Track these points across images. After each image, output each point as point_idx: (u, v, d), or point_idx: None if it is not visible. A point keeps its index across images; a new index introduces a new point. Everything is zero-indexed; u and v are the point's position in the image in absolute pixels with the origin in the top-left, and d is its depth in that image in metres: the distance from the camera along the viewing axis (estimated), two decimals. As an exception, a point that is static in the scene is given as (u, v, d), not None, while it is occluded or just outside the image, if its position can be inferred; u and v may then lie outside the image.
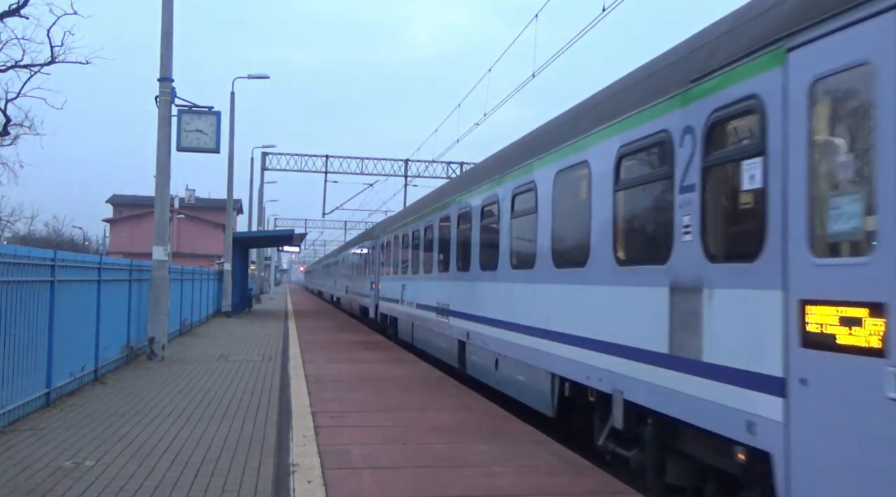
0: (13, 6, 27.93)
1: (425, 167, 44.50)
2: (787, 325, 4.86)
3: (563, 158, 9.04)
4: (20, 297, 9.03)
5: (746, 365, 5.28)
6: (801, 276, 4.77)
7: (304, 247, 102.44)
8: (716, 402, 5.62)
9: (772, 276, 5.03)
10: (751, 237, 5.36)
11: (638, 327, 6.97)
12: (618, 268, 7.49)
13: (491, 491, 6.50)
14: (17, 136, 32.68)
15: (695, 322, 5.96)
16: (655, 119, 6.87)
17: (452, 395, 11.72)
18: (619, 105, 7.75)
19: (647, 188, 7.09)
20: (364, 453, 7.77)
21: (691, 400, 5.97)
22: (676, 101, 6.49)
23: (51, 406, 9.97)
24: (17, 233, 63.62)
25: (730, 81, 5.67)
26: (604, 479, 6.96)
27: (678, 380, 6.14)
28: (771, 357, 4.99)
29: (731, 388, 5.45)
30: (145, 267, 16.33)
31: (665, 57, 7.27)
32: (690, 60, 6.44)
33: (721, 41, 6.03)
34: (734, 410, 5.39)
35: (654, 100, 6.95)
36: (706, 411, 5.74)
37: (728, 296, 5.62)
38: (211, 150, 17.92)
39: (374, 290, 26.49)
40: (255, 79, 34.71)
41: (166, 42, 16.44)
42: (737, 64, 5.59)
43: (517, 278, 10.57)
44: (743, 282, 5.42)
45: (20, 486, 6.38)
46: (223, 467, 7.16)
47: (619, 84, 8.30)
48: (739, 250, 5.61)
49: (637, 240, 7.46)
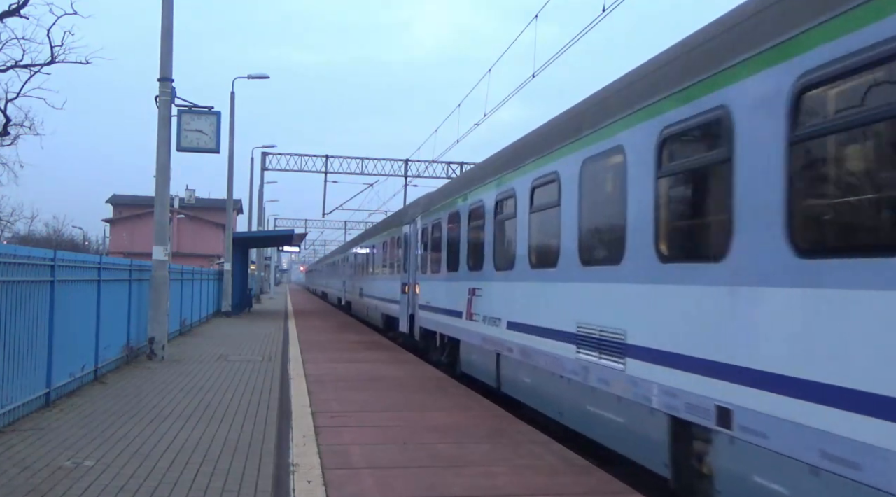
0: (13, 6, 27.95)
1: (425, 167, 44.51)
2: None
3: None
4: (20, 297, 9.02)
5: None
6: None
7: (303, 247, 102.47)
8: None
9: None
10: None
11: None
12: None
13: (491, 491, 6.50)
14: (17, 136, 32.71)
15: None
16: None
17: (452, 395, 11.72)
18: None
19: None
20: (364, 453, 7.77)
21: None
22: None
23: (51, 406, 9.97)
24: (17, 233, 63.67)
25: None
26: (604, 480, 6.96)
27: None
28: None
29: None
30: (145, 267, 16.33)
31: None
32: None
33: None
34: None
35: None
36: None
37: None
38: (211, 150, 17.91)
39: (409, 295, 19.50)
40: (254, 79, 34.70)
41: (166, 42, 16.44)
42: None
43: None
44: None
45: (20, 486, 6.37)
46: (223, 467, 7.16)
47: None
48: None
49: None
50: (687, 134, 6.52)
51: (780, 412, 5.09)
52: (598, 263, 8.09)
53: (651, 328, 6.84)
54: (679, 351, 6.35)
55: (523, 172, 10.59)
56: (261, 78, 34.84)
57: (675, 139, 6.67)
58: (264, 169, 46.00)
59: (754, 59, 5.59)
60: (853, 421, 4.48)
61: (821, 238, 5.06)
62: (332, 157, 45.22)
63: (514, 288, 10.83)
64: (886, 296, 4.32)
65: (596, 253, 8.23)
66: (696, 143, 6.49)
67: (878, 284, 4.37)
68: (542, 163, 9.92)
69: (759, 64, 5.53)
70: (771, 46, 5.41)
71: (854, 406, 4.47)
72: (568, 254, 8.86)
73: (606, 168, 8.01)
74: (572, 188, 8.80)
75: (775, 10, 5.51)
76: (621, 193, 7.50)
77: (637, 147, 7.22)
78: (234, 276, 33.55)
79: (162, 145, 16.46)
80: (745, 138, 5.65)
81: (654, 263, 6.78)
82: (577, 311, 8.56)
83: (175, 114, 16.97)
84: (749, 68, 5.65)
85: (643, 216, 7.04)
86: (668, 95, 6.76)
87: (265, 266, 63.15)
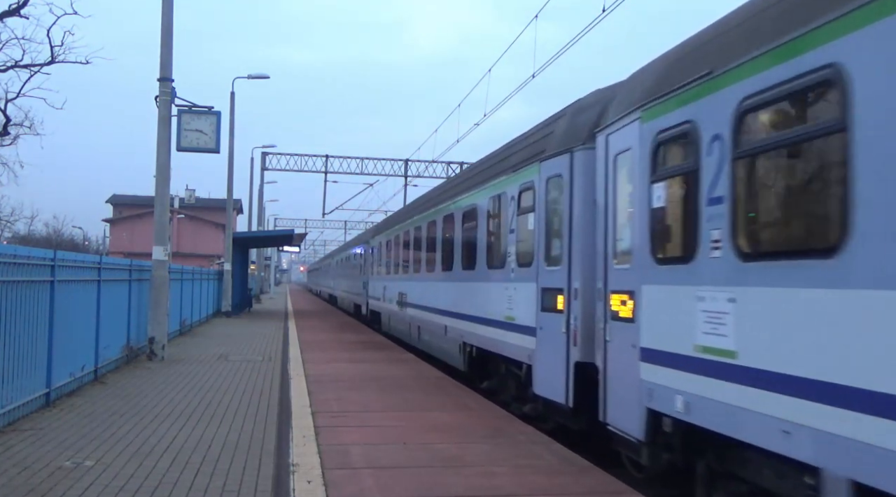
0: (13, 6, 27.92)
1: (425, 167, 44.53)
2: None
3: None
4: (20, 297, 9.02)
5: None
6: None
7: (303, 247, 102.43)
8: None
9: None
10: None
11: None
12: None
13: (491, 491, 6.50)
14: (17, 136, 32.67)
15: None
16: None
17: (452, 395, 11.72)
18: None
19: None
20: (364, 453, 7.77)
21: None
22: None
23: (51, 406, 9.97)
24: (17, 233, 63.61)
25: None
26: (604, 480, 6.96)
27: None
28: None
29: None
30: (145, 267, 16.33)
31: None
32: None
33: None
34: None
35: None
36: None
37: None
38: (211, 150, 17.92)
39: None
40: (255, 79, 34.70)
41: (166, 42, 16.44)
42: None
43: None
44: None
45: (20, 486, 6.37)
46: (223, 467, 7.15)
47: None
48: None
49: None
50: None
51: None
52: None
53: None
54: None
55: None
56: (261, 78, 34.84)
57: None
58: (264, 169, 46.04)
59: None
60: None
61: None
62: (332, 157, 45.29)
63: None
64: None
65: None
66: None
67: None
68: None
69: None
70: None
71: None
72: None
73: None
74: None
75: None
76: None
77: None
78: (234, 276, 33.55)
79: (162, 145, 16.46)
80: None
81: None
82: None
83: (175, 114, 16.98)
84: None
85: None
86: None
87: (265, 266, 63.19)
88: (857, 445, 4.38)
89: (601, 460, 8.00)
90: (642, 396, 6.88)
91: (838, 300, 4.62)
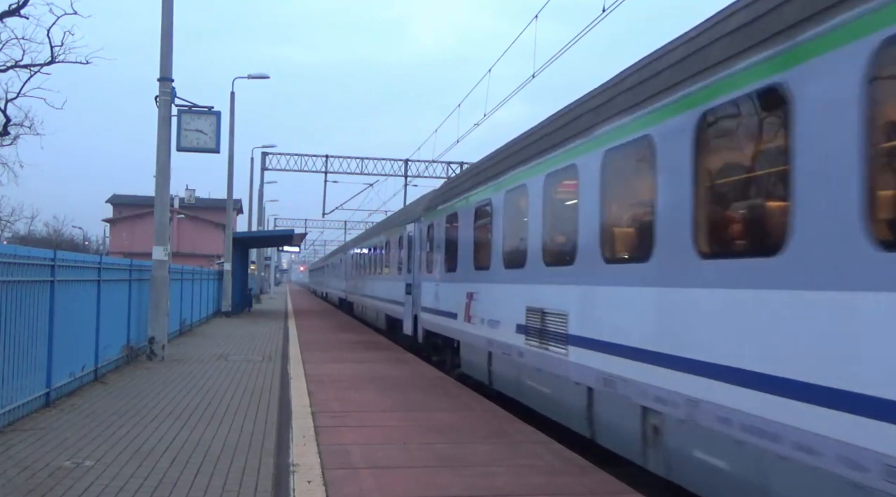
0: (13, 6, 27.92)
1: (425, 167, 44.53)
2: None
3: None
4: (20, 297, 9.02)
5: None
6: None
7: (304, 247, 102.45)
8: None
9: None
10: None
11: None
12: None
13: (491, 491, 6.50)
14: (17, 136, 32.69)
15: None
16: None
17: (452, 395, 11.72)
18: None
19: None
20: (364, 453, 7.77)
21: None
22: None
23: (51, 406, 9.97)
24: (17, 233, 63.61)
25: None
26: (605, 480, 6.96)
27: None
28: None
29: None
30: (145, 267, 16.33)
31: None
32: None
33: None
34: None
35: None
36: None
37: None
38: (211, 150, 17.91)
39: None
40: (255, 79, 34.69)
41: (166, 42, 16.44)
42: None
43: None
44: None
45: (20, 486, 6.37)
46: (223, 467, 7.16)
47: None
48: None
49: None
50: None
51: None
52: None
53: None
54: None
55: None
56: (261, 78, 34.84)
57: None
58: (264, 169, 46.03)
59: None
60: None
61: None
62: (332, 157, 45.27)
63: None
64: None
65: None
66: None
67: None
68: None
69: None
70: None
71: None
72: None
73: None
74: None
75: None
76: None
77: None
78: (234, 276, 33.54)
79: (162, 145, 16.46)
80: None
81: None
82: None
83: (175, 114, 16.98)
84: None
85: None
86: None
87: (265, 266, 63.18)
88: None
89: (601, 460, 8.01)
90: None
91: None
